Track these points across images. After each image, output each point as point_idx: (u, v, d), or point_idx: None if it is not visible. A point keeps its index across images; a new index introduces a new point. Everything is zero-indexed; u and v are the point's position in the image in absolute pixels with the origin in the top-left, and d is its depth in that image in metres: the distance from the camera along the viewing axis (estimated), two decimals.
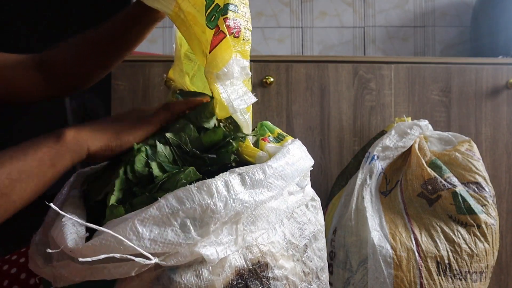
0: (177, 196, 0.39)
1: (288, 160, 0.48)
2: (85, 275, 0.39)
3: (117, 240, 0.37)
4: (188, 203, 0.39)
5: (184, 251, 0.39)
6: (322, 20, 1.64)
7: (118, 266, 0.38)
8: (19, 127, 2.06)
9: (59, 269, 0.40)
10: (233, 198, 0.41)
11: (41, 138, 0.47)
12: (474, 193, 0.93)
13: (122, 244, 0.37)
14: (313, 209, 0.54)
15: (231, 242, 0.41)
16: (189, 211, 0.39)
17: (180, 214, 0.38)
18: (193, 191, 0.39)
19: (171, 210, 0.38)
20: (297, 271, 0.48)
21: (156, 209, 0.38)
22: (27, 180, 0.43)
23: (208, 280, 0.40)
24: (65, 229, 0.41)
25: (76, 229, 0.41)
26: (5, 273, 0.63)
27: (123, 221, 0.39)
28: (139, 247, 0.37)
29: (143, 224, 0.38)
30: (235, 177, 0.42)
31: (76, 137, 0.47)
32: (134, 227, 0.38)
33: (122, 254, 0.37)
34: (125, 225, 0.38)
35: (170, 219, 0.38)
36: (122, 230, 0.37)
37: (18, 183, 0.43)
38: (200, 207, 0.39)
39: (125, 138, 0.49)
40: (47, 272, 0.42)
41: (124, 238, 0.37)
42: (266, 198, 0.43)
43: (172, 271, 0.40)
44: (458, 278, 0.88)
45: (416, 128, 1.02)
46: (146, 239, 0.37)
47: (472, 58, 1.22)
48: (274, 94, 1.19)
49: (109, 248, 0.37)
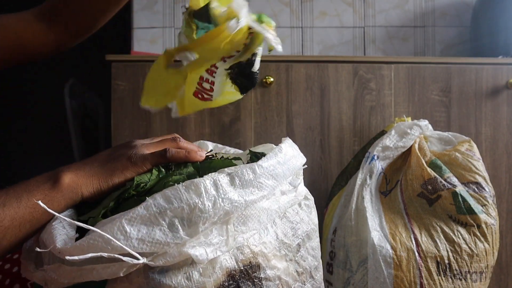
0: (164, 195, 0.39)
1: (280, 159, 0.47)
2: (74, 277, 0.39)
3: (105, 240, 0.37)
4: (176, 202, 0.39)
5: (173, 251, 0.38)
6: (322, 20, 1.64)
7: (107, 267, 0.38)
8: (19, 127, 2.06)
9: (49, 272, 0.40)
10: (222, 198, 0.40)
11: (35, 182, 0.47)
12: (474, 193, 0.93)
13: (110, 244, 0.37)
14: (307, 208, 0.54)
15: (221, 243, 0.41)
16: (177, 210, 0.39)
17: (168, 213, 0.38)
18: (181, 190, 0.39)
19: (159, 209, 0.38)
20: (290, 271, 0.48)
21: (144, 209, 0.38)
22: (20, 227, 0.44)
23: (199, 282, 0.40)
24: (55, 231, 0.41)
25: (66, 230, 0.42)
26: (7, 271, 0.63)
27: (111, 221, 0.39)
28: (127, 247, 0.37)
29: (130, 224, 0.38)
30: (224, 177, 0.42)
31: (70, 184, 0.47)
32: (122, 226, 0.37)
33: (110, 253, 0.37)
34: (112, 224, 0.38)
35: (158, 219, 0.38)
36: (109, 229, 0.37)
37: (10, 230, 0.43)
38: (188, 206, 0.39)
39: (115, 180, 0.49)
40: (38, 276, 0.42)
41: (112, 237, 0.37)
42: (257, 198, 0.43)
43: (162, 274, 0.39)
44: (458, 278, 0.88)
45: (416, 128, 1.02)
46: (134, 239, 0.37)
47: (472, 58, 1.22)
48: (274, 94, 1.19)
49: (97, 248, 0.37)
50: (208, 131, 1.19)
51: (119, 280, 0.40)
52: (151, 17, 1.59)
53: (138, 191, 0.46)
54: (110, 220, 0.39)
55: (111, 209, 0.45)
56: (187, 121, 1.18)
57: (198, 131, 1.19)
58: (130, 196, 0.46)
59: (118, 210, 0.44)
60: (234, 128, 1.19)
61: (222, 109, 1.18)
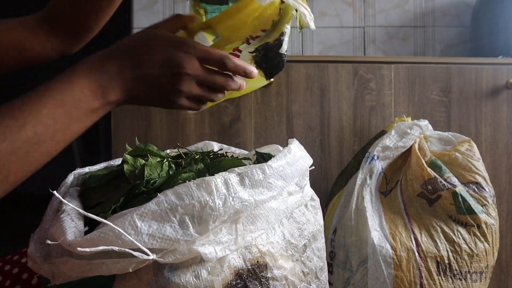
0: (176, 192, 0.39)
1: (289, 160, 0.48)
2: (83, 271, 0.38)
3: (116, 234, 0.37)
4: (187, 199, 0.39)
5: (182, 248, 0.38)
6: (322, 20, 1.64)
7: (116, 262, 0.38)
8: None
9: (58, 265, 0.40)
10: (232, 196, 0.40)
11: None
12: (474, 193, 0.93)
13: (121, 238, 0.37)
14: (312, 209, 0.54)
15: (230, 242, 0.41)
16: (187, 207, 0.39)
17: (179, 210, 0.38)
18: (192, 187, 0.39)
19: (170, 206, 0.38)
20: (296, 271, 0.48)
21: (155, 204, 0.38)
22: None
23: (207, 280, 0.40)
24: (64, 224, 0.41)
25: (75, 223, 0.41)
26: (7, 273, 0.63)
27: (122, 215, 0.39)
28: (138, 242, 0.37)
29: (141, 219, 0.38)
30: (234, 176, 0.42)
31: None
32: (133, 221, 0.37)
33: (121, 248, 0.37)
34: (124, 219, 0.38)
35: (169, 215, 0.38)
36: (120, 224, 0.37)
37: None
38: (198, 204, 0.39)
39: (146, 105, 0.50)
40: (46, 269, 0.42)
41: (123, 231, 0.37)
42: (266, 198, 0.43)
43: (170, 272, 0.39)
44: (458, 278, 0.88)
45: (416, 128, 1.02)
46: (145, 234, 0.37)
47: (472, 58, 1.22)
48: (274, 94, 1.19)
49: (107, 241, 0.37)
50: (208, 131, 1.19)
51: (128, 277, 0.40)
52: (151, 17, 1.59)
53: (148, 187, 0.46)
54: (121, 214, 0.39)
55: (121, 205, 0.45)
56: (187, 121, 1.18)
57: (198, 131, 1.19)
58: (140, 193, 0.46)
59: (127, 206, 0.44)
60: (234, 128, 1.19)
61: (222, 109, 1.18)
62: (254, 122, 1.19)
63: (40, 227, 0.48)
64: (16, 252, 0.68)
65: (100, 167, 0.62)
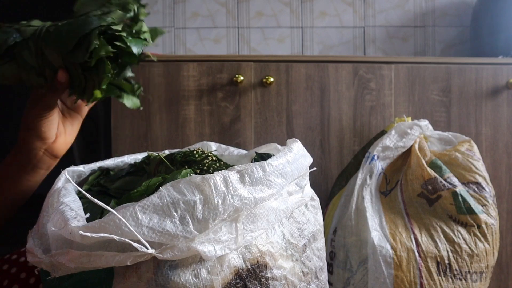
0: (177, 187, 0.39)
1: (289, 158, 0.47)
2: (82, 262, 0.39)
3: (117, 224, 0.37)
4: (189, 194, 0.39)
5: (181, 245, 0.38)
6: (322, 20, 1.64)
7: (115, 255, 0.38)
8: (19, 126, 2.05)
9: (57, 257, 0.40)
10: (231, 194, 0.40)
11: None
12: (474, 193, 0.93)
13: (121, 229, 0.37)
14: (313, 209, 0.54)
15: (230, 241, 0.41)
16: (188, 203, 0.39)
17: (180, 205, 0.38)
18: (193, 184, 0.40)
19: (172, 200, 0.39)
20: (296, 271, 0.48)
21: (157, 198, 0.38)
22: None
23: (207, 280, 0.40)
24: (65, 213, 0.41)
25: (75, 212, 0.42)
26: (5, 272, 0.63)
27: (124, 207, 0.39)
28: (137, 233, 0.37)
29: (143, 211, 0.38)
30: (234, 174, 0.42)
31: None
32: (134, 213, 0.37)
33: (121, 237, 0.37)
34: (125, 210, 0.38)
35: (170, 209, 0.38)
36: (122, 214, 0.38)
37: None
38: (199, 200, 0.39)
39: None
40: (46, 262, 0.42)
41: (124, 221, 0.37)
42: (266, 196, 0.43)
43: (170, 271, 0.40)
44: (458, 278, 0.88)
45: (416, 128, 1.02)
46: (145, 226, 0.37)
47: (472, 58, 1.22)
48: (274, 94, 1.19)
49: (108, 230, 0.37)
50: (208, 131, 1.19)
51: (127, 275, 0.40)
52: (151, 17, 1.59)
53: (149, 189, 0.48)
54: (124, 206, 0.39)
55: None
56: (187, 121, 1.18)
57: (198, 131, 1.19)
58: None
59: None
60: (234, 128, 1.19)
61: (222, 109, 1.18)
62: (254, 122, 1.19)
63: (38, 223, 0.48)
64: (14, 252, 0.68)
65: (95, 166, 0.63)
